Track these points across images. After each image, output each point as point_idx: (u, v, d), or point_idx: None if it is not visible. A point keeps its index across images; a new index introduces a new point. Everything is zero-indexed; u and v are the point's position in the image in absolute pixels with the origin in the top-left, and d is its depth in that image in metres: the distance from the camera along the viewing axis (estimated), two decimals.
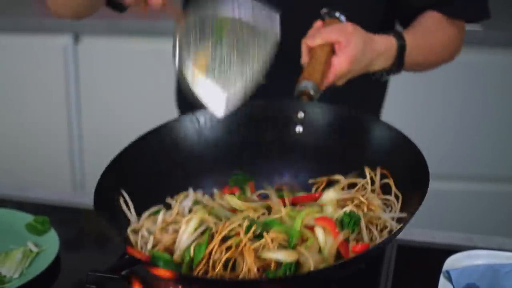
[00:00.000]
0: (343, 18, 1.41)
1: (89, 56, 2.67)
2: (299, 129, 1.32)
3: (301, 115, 1.32)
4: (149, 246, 1.17)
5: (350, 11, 1.41)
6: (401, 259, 1.39)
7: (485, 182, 2.70)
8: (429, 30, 1.51)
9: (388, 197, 1.20)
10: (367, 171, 1.24)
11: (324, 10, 1.41)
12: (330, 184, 1.30)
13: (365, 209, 1.18)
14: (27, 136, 2.82)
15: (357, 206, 1.19)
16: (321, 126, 1.31)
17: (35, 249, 1.36)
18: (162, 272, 1.08)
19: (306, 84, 1.27)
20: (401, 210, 1.19)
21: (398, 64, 1.43)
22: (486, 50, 2.50)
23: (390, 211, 1.20)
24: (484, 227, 2.64)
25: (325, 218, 1.16)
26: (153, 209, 1.26)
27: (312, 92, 1.27)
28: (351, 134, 1.29)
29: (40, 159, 2.83)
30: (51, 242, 1.36)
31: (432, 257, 1.33)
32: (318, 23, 1.40)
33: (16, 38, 2.69)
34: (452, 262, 1.24)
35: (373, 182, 1.24)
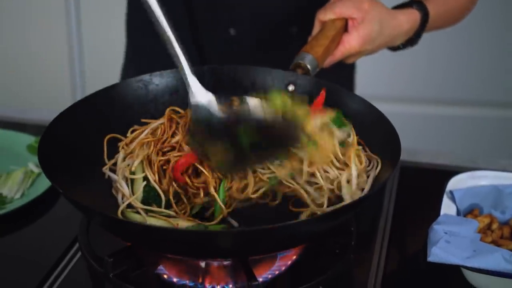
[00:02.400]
0: None
1: None
2: None
3: (291, 88, 1.24)
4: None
5: None
6: (404, 180, 1.38)
7: (488, 107, 2.69)
8: None
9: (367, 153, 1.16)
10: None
11: None
12: None
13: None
14: (27, 57, 2.80)
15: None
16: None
17: (36, 170, 1.35)
18: None
19: (304, 56, 1.22)
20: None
21: (417, 36, 1.35)
22: None
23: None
24: (488, 152, 2.64)
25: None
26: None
27: (308, 65, 1.21)
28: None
29: (41, 81, 2.81)
30: None
31: (436, 177, 1.32)
32: None
33: None
34: (455, 183, 1.23)
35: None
